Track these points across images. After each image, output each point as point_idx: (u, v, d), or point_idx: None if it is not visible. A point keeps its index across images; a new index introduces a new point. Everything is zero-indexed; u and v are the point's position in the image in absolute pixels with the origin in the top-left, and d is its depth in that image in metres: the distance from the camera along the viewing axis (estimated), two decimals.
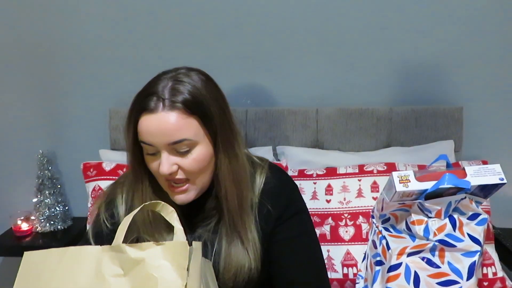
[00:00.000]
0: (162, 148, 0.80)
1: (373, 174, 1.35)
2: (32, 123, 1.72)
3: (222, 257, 0.88)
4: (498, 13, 1.50)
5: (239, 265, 0.86)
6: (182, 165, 0.82)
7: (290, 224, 0.93)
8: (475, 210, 1.06)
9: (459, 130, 1.52)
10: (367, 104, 1.57)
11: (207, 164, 0.85)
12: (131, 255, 0.63)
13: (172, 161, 0.81)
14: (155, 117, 0.78)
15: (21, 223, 1.63)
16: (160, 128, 0.78)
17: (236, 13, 1.56)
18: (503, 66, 1.54)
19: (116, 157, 1.55)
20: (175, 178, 0.83)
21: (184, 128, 0.79)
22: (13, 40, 1.65)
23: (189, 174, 0.83)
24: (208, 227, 0.91)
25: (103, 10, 1.60)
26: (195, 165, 0.82)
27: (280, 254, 0.91)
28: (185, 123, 0.79)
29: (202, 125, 0.82)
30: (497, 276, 1.20)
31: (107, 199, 0.97)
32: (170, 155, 0.81)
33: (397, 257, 1.04)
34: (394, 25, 1.53)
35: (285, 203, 0.94)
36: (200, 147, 0.82)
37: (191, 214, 0.92)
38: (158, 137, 0.79)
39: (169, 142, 0.79)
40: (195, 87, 0.81)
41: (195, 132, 0.81)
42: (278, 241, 0.92)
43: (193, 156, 0.82)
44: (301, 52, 1.58)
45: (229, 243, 0.88)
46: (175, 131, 0.79)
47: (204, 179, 0.86)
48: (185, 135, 0.79)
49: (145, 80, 0.88)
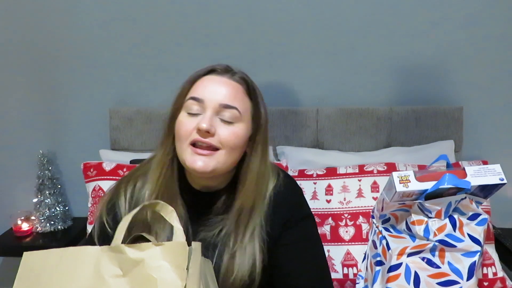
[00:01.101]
0: (210, 106, 0.83)
1: (373, 174, 1.35)
2: (32, 123, 1.72)
3: (224, 261, 0.87)
4: (498, 13, 1.50)
5: (242, 269, 0.86)
6: (220, 132, 0.83)
7: (295, 230, 0.93)
8: (475, 210, 1.06)
9: (459, 130, 1.52)
10: (367, 104, 1.57)
11: (239, 146, 0.86)
12: (130, 256, 0.63)
13: (213, 122, 0.83)
14: (220, 78, 0.86)
15: (21, 223, 1.64)
16: (220, 87, 0.84)
17: (236, 13, 1.56)
18: (503, 66, 1.54)
19: (116, 157, 1.55)
20: (206, 140, 0.82)
21: (239, 100, 0.85)
22: (13, 40, 1.65)
23: (221, 144, 0.83)
24: (213, 227, 0.91)
25: (103, 10, 1.60)
26: (231, 138, 0.83)
27: (285, 259, 0.91)
28: (242, 97, 0.86)
29: (251, 111, 0.88)
30: (497, 276, 1.20)
31: (109, 200, 0.96)
32: (213, 118, 0.83)
33: (397, 257, 1.04)
34: (394, 25, 1.53)
35: (292, 209, 0.94)
36: (242, 125, 0.85)
37: (198, 212, 0.92)
38: (214, 94, 0.83)
39: (222, 102, 0.83)
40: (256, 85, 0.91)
41: (245, 110, 0.86)
42: (283, 246, 0.91)
43: (234, 129, 0.84)
44: (301, 52, 1.58)
45: (234, 246, 0.87)
46: (232, 97, 0.84)
47: (229, 159, 0.85)
48: (238, 105, 0.84)
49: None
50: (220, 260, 0.87)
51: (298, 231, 0.93)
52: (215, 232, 0.90)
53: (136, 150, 1.61)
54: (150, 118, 1.59)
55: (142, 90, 1.65)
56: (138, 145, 1.61)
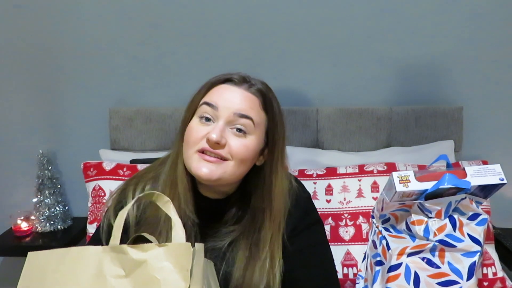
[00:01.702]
0: (223, 115, 0.82)
1: (373, 174, 1.35)
2: (32, 123, 1.72)
3: (235, 274, 0.86)
4: (498, 13, 1.50)
5: (256, 282, 0.85)
6: (231, 144, 0.81)
7: (304, 235, 0.93)
8: (475, 210, 1.06)
9: (459, 130, 1.53)
10: (367, 104, 1.57)
11: (249, 159, 0.85)
12: (133, 256, 0.63)
13: (225, 133, 0.81)
14: (235, 88, 0.84)
15: (21, 223, 1.63)
16: (236, 97, 0.83)
17: (236, 13, 1.56)
18: (503, 66, 1.54)
19: (116, 157, 1.55)
20: (216, 151, 0.81)
21: (254, 111, 0.83)
22: (13, 40, 1.65)
23: (231, 155, 0.82)
24: (223, 237, 0.89)
25: (103, 10, 1.60)
26: (242, 150, 0.82)
27: (293, 265, 0.90)
28: (257, 110, 0.84)
29: (266, 124, 0.86)
30: (497, 276, 1.20)
31: (117, 203, 0.94)
32: (225, 128, 0.82)
33: (397, 257, 1.04)
34: (394, 25, 1.53)
35: (301, 214, 0.93)
36: (255, 138, 0.84)
37: (208, 219, 0.91)
38: (229, 102, 0.82)
39: (237, 111, 0.81)
40: (273, 95, 0.89)
41: (259, 123, 0.85)
42: (291, 252, 0.90)
43: (246, 141, 0.83)
44: (301, 52, 1.58)
45: (249, 260, 0.86)
46: (247, 107, 0.83)
47: (237, 171, 0.84)
48: (252, 115, 0.83)
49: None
50: (231, 272, 0.86)
51: (307, 236, 0.93)
52: (224, 242, 0.89)
53: (136, 150, 1.61)
54: (150, 118, 1.59)
55: (142, 90, 1.65)
56: (138, 145, 1.61)
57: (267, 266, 0.86)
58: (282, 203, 0.89)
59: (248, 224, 0.88)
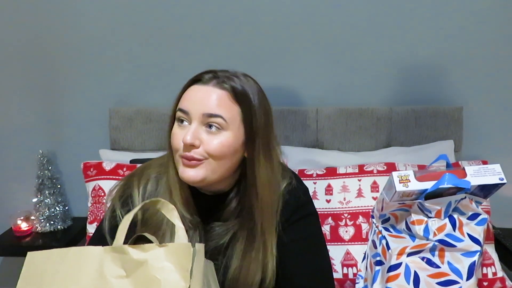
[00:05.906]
0: (195, 117, 0.82)
1: (373, 174, 1.35)
2: (32, 123, 1.72)
3: (232, 266, 0.87)
4: (498, 13, 1.50)
5: (251, 277, 0.86)
6: (206, 143, 0.82)
7: (297, 226, 0.93)
8: (475, 210, 1.06)
9: (459, 130, 1.53)
10: (367, 104, 1.58)
11: (228, 154, 0.84)
12: (134, 257, 0.63)
13: (198, 134, 0.82)
14: (204, 88, 0.84)
15: (21, 223, 1.63)
16: (203, 97, 0.83)
17: (236, 13, 1.56)
18: (503, 66, 1.54)
19: (116, 157, 1.55)
20: (190, 154, 0.82)
21: (224, 107, 0.83)
22: (13, 40, 1.65)
23: (208, 154, 0.83)
24: (223, 232, 0.91)
25: (103, 10, 1.60)
26: (217, 147, 0.82)
27: (286, 257, 0.91)
28: (227, 105, 0.83)
29: (241, 117, 0.85)
30: (497, 276, 1.20)
31: (122, 194, 0.96)
32: (199, 129, 0.83)
33: (397, 257, 1.04)
34: (394, 25, 1.53)
35: (296, 205, 0.94)
36: (230, 134, 0.83)
37: (208, 216, 0.92)
38: (198, 105, 0.82)
39: (205, 112, 0.82)
40: (248, 84, 0.87)
41: (232, 117, 0.83)
42: (284, 244, 0.91)
43: (220, 138, 0.83)
44: (301, 52, 1.58)
45: (245, 251, 0.88)
46: (215, 106, 0.82)
47: (219, 168, 0.85)
48: (222, 113, 0.82)
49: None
50: (230, 264, 0.87)
51: (301, 227, 0.93)
52: (225, 238, 0.90)
53: (136, 150, 1.61)
54: (150, 118, 1.59)
55: (142, 90, 1.65)
56: (138, 145, 1.61)
57: (261, 256, 0.87)
58: (270, 193, 0.88)
59: (244, 217, 0.89)
